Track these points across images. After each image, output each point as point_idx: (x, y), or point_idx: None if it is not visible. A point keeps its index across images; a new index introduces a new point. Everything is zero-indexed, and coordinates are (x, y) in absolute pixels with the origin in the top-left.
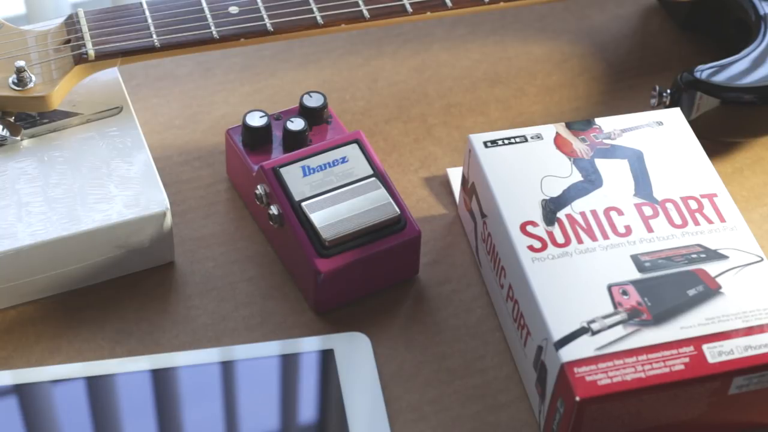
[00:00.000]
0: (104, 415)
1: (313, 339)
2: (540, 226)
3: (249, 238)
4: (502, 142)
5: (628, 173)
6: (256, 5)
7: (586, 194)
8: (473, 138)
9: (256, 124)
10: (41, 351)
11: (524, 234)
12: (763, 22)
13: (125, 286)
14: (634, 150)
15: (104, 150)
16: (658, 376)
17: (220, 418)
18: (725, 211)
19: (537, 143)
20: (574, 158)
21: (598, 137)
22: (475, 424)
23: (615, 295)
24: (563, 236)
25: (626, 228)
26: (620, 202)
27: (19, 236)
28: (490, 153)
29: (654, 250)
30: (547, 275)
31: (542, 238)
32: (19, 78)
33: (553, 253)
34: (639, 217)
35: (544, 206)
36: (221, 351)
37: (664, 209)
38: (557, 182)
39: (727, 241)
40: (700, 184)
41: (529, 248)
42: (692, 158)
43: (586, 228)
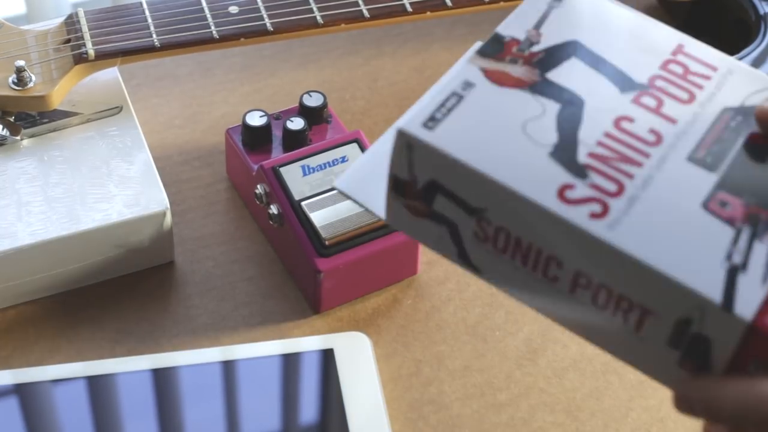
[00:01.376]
0: (104, 415)
1: (313, 339)
2: (578, 185)
3: (249, 238)
4: (441, 114)
5: (591, 72)
6: (256, 5)
7: (580, 120)
8: (407, 127)
9: (255, 123)
10: (41, 350)
11: (570, 204)
12: (763, 21)
13: (125, 285)
14: (568, 43)
15: (104, 150)
16: None
17: (220, 418)
18: (706, 56)
19: (475, 94)
20: (528, 87)
21: (522, 49)
22: (475, 424)
23: (719, 212)
24: (610, 181)
25: (653, 133)
26: (618, 108)
27: (19, 236)
28: (443, 133)
29: (698, 141)
30: (639, 236)
31: (594, 198)
32: (19, 78)
33: (620, 206)
34: (650, 113)
35: (558, 159)
36: (221, 351)
37: (660, 90)
38: (540, 125)
39: (739, 88)
40: (660, 42)
41: (592, 217)
42: (624, 20)
43: (621, 157)
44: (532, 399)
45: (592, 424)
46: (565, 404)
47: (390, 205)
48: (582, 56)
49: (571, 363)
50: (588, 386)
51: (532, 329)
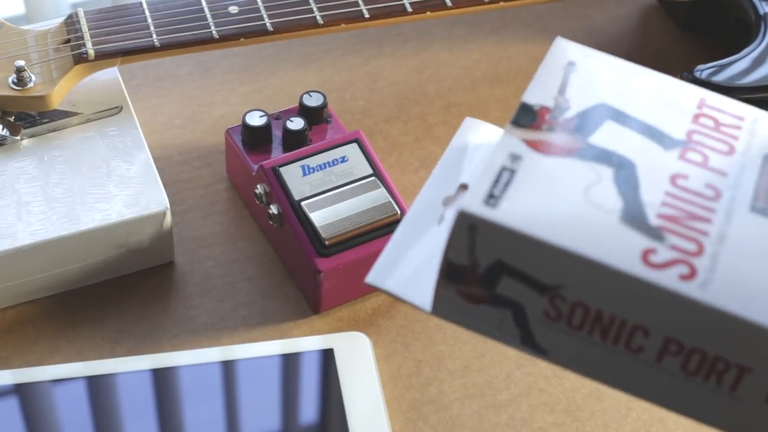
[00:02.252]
0: (104, 415)
1: (313, 338)
2: (659, 249)
3: (249, 238)
4: (498, 191)
5: (627, 132)
6: (256, 5)
7: (638, 182)
8: (469, 208)
9: (255, 123)
10: (41, 350)
11: (656, 268)
12: (763, 21)
13: (125, 285)
14: (598, 106)
15: (104, 150)
16: None
17: (220, 418)
18: (729, 107)
19: (525, 165)
20: (576, 154)
21: (555, 117)
22: (475, 424)
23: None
24: (689, 241)
25: (710, 188)
26: (669, 166)
27: (18, 236)
28: (508, 210)
29: (754, 190)
30: (732, 294)
31: (680, 260)
32: (18, 77)
33: (705, 265)
34: (700, 168)
35: (630, 223)
36: (221, 350)
37: (700, 145)
38: (602, 191)
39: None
40: (682, 96)
41: (682, 279)
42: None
43: (691, 215)
44: (532, 399)
45: (592, 424)
46: (565, 404)
47: (439, 293)
48: (615, 118)
49: None
50: (588, 386)
51: None
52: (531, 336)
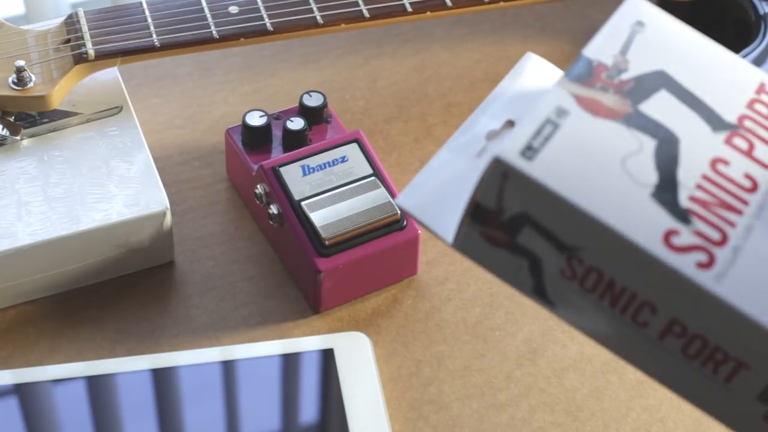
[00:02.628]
0: (104, 415)
1: (313, 338)
2: (683, 232)
3: (249, 238)
4: (538, 143)
5: (681, 106)
6: (256, 5)
7: (678, 159)
8: (506, 156)
9: (255, 123)
10: (41, 350)
11: (675, 251)
12: (763, 21)
13: (125, 286)
14: (656, 73)
15: (104, 150)
16: None
17: (220, 418)
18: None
19: (571, 122)
20: (623, 119)
21: (612, 77)
22: (475, 424)
23: None
24: (714, 229)
25: (748, 179)
26: (713, 149)
27: (18, 236)
28: (543, 165)
29: None
30: (745, 291)
31: (701, 246)
32: (18, 77)
33: (726, 257)
34: (743, 156)
35: (661, 201)
36: (221, 351)
37: (751, 132)
38: (640, 161)
39: None
40: (742, 80)
41: (699, 266)
42: (707, 52)
43: (721, 203)
44: (532, 399)
45: (592, 424)
46: (565, 404)
47: (462, 230)
48: (671, 88)
49: (571, 363)
50: (588, 386)
51: (532, 329)
52: (543, 288)
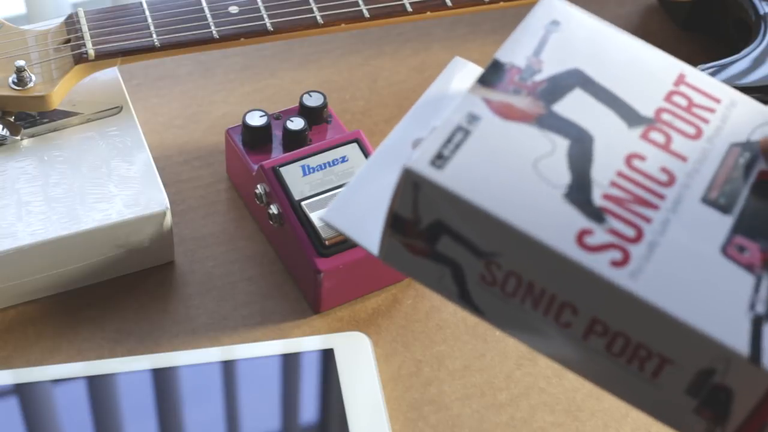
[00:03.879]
0: (104, 415)
1: (313, 338)
2: (597, 231)
3: (249, 238)
4: (448, 152)
5: (595, 103)
6: (256, 5)
7: (592, 158)
8: (415, 167)
9: (255, 123)
10: (41, 350)
11: (590, 251)
12: (763, 21)
13: (125, 286)
14: (571, 72)
15: (104, 150)
16: None
17: (220, 418)
18: (708, 87)
19: (482, 128)
20: (534, 121)
21: (524, 78)
22: (475, 424)
23: (737, 258)
24: (629, 226)
25: (664, 172)
26: (628, 144)
27: (18, 236)
28: (453, 173)
29: (710, 180)
30: (661, 285)
31: (615, 245)
32: (19, 77)
33: (641, 253)
34: (660, 150)
35: (573, 201)
36: (221, 350)
37: (666, 125)
38: (552, 163)
39: (743, 121)
40: (660, 72)
41: (613, 265)
42: (624, 47)
43: (636, 199)
44: (532, 399)
45: (592, 424)
46: (565, 404)
47: (385, 241)
48: (586, 86)
49: None
50: (588, 386)
51: None
52: (468, 295)
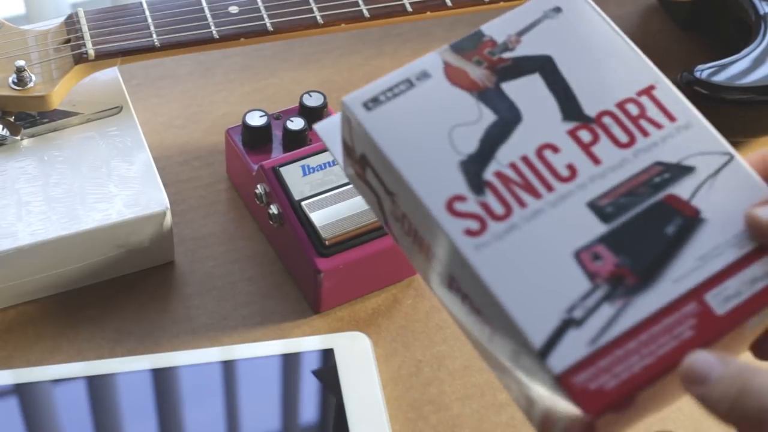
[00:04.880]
0: (104, 415)
1: (313, 338)
2: (470, 199)
3: (249, 238)
4: (385, 97)
5: (545, 91)
6: (256, 5)
7: (507, 137)
8: (349, 102)
9: (255, 123)
10: (41, 350)
11: (453, 215)
12: (763, 21)
13: (125, 286)
14: (541, 58)
15: (104, 150)
16: (668, 354)
17: (220, 418)
18: (671, 105)
19: (426, 85)
20: (477, 92)
21: (494, 53)
22: (475, 424)
23: (587, 264)
24: (501, 205)
25: (569, 168)
26: (550, 135)
27: (19, 236)
28: (377, 116)
29: (610, 188)
30: (499, 264)
31: (478, 215)
32: (19, 77)
33: (497, 230)
34: (578, 148)
35: (465, 170)
36: (221, 350)
37: (603, 128)
38: (469, 131)
39: (686, 146)
40: (631, 79)
41: (466, 233)
42: (611, 48)
43: (523, 184)
44: None
45: None
46: None
47: (344, 161)
48: (546, 74)
49: None
50: None
51: None
52: (388, 225)
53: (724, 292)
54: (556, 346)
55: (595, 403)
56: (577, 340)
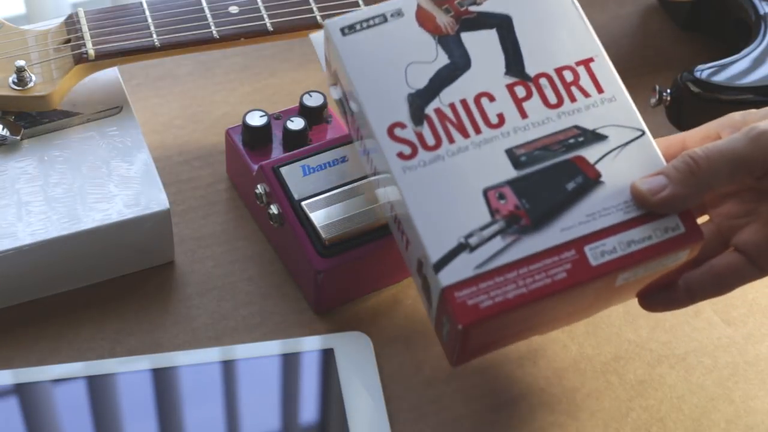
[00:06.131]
0: (105, 415)
1: (314, 338)
2: (408, 128)
3: (249, 237)
4: (360, 26)
5: (497, 47)
6: (256, 5)
7: (454, 80)
8: (329, 24)
9: (256, 123)
10: (41, 350)
11: (392, 139)
12: (763, 21)
13: (125, 285)
14: (501, 16)
15: (104, 150)
16: (539, 289)
17: (221, 418)
18: (603, 78)
19: (398, 22)
20: (438, 36)
21: (462, 4)
22: (475, 424)
23: (492, 201)
24: (434, 137)
25: (499, 117)
26: (491, 85)
27: (19, 236)
28: (350, 42)
29: (529, 140)
30: (420, 186)
31: (412, 143)
32: (19, 78)
33: (425, 158)
34: (512, 101)
35: (411, 102)
36: (221, 350)
37: (538, 87)
38: (423, 69)
39: (605, 116)
40: (575, 49)
41: (399, 156)
42: (566, 19)
43: (456, 123)
44: (532, 399)
45: (592, 424)
46: (565, 404)
47: (326, 71)
48: (502, 31)
49: (571, 363)
50: (588, 386)
51: None
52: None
53: (602, 247)
54: (449, 264)
55: (469, 316)
56: (467, 262)
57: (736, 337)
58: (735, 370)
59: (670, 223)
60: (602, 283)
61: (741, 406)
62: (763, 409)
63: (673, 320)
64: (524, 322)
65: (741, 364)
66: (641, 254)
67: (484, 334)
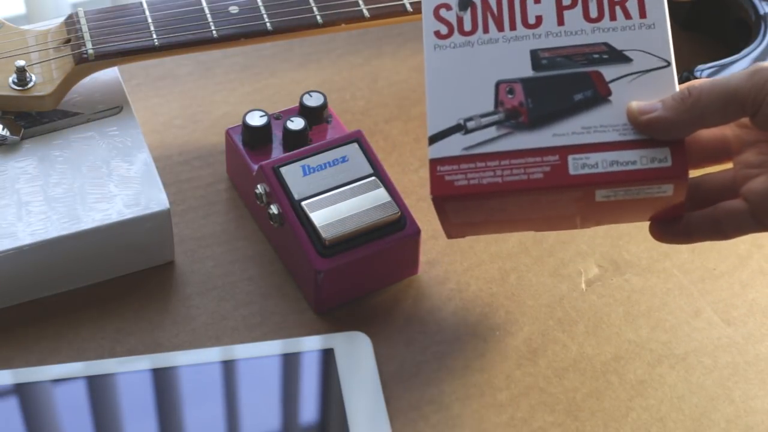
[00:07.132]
0: (104, 415)
1: (314, 338)
2: (452, 11)
3: (249, 237)
4: None
5: None
6: (256, 5)
7: None
8: None
9: (256, 123)
10: (41, 350)
11: (435, 18)
12: (763, 21)
13: (125, 286)
14: None
15: (104, 150)
16: (513, 182)
17: (221, 418)
18: (650, 4)
19: None
20: None
21: None
22: (475, 424)
23: (500, 93)
24: (471, 24)
25: (537, 18)
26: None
27: (19, 235)
28: None
29: (556, 46)
30: (442, 65)
31: (451, 24)
32: (19, 78)
33: (456, 41)
34: (554, 6)
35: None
36: (221, 350)
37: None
38: None
39: (637, 40)
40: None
41: (436, 34)
42: None
43: (496, 16)
44: (532, 399)
45: (592, 424)
46: (565, 404)
47: None
48: None
49: (571, 363)
50: (588, 386)
51: (532, 329)
52: None
53: (585, 160)
54: (442, 140)
55: (440, 189)
56: (458, 142)
57: (736, 337)
58: (735, 370)
59: (659, 155)
60: (579, 194)
61: (741, 406)
62: (763, 409)
63: (673, 320)
64: (501, 212)
65: (741, 364)
66: (621, 176)
67: (459, 211)
